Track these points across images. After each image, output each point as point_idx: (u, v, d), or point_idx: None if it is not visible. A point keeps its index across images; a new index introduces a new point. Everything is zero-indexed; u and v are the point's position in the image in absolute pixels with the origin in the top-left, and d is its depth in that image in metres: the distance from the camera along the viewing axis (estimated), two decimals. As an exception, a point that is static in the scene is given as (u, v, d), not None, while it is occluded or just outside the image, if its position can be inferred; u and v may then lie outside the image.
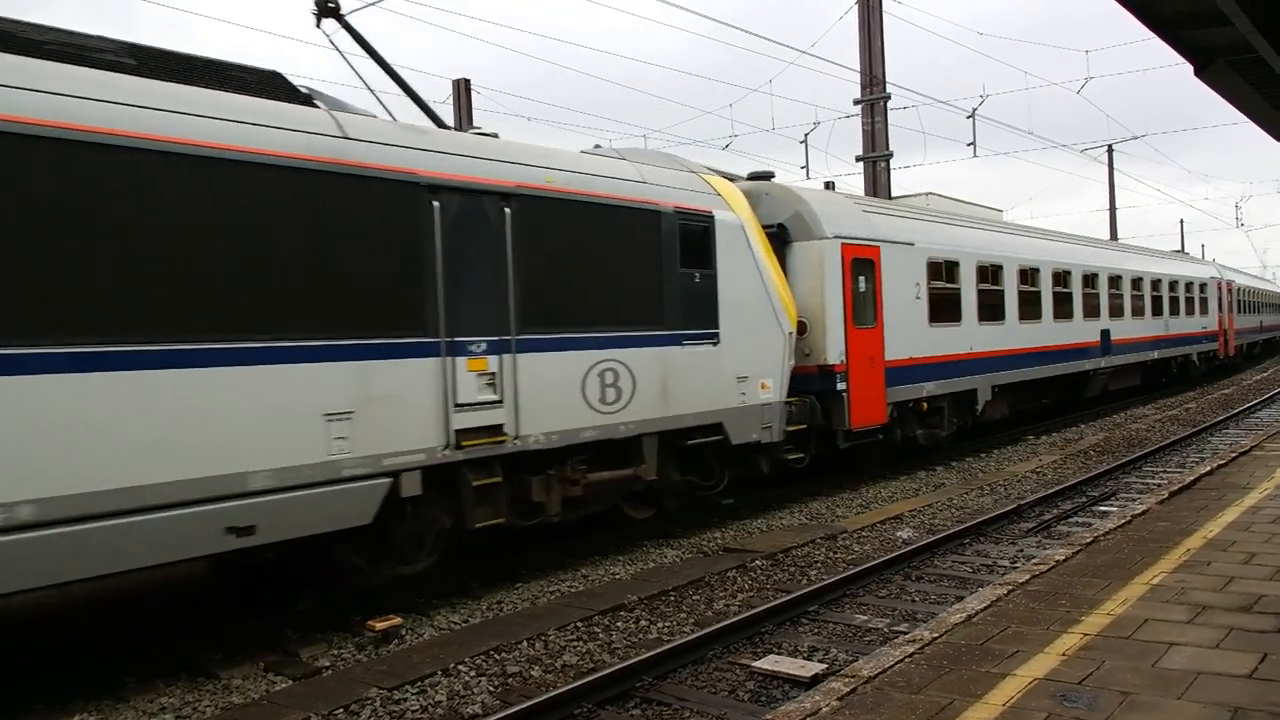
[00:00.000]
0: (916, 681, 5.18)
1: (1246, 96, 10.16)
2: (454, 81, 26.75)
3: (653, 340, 9.94)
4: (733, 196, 11.36)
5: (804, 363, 12.54)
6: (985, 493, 13.34)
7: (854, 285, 13.26)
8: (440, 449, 7.92)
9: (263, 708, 6.29)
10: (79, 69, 6.34)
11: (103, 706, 6.41)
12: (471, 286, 8.23)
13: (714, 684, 6.56)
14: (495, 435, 8.34)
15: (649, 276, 9.97)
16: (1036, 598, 6.66)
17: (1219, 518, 8.94)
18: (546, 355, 8.80)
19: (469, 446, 8.11)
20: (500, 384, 8.39)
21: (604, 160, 10.17)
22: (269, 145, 6.99)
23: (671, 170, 10.88)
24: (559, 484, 9.11)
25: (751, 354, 11.18)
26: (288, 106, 7.39)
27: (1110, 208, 44.96)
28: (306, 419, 7.05)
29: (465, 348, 8.14)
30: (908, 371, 14.37)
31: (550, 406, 8.80)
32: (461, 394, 8.07)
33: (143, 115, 6.37)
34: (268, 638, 7.57)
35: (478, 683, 6.59)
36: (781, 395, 11.63)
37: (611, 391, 9.40)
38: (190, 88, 6.87)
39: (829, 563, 9.73)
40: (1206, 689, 4.86)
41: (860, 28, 21.07)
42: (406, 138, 8.09)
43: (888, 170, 21.34)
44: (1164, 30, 7.99)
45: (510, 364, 8.48)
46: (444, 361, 7.96)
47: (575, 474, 9.17)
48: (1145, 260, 26.44)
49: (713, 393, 10.65)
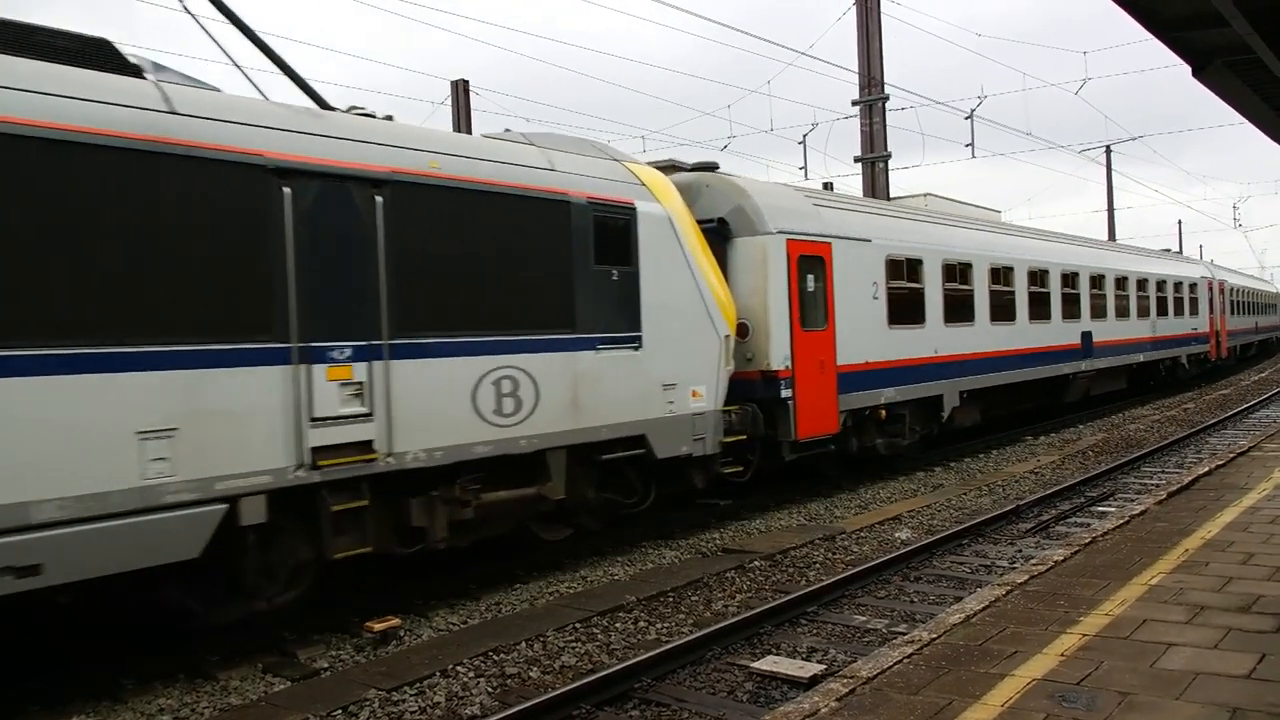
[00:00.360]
0: (915, 682, 5.18)
1: (1244, 97, 10.16)
2: (452, 83, 26.77)
3: (560, 345, 8.98)
4: (660, 187, 10.41)
5: (745, 368, 11.75)
6: (984, 493, 13.34)
7: (801, 284, 12.38)
8: (291, 469, 6.98)
9: (261, 709, 6.29)
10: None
11: (100, 708, 6.40)
12: (333, 285, 7.32)
13: (713, 685, 6.56)
14: (363, 453, 7.40)
15: (557, 274, 8.99)
16: (1035, 598, 6.67)
17: (1217, 518, 8.94)
18: (428, 362, 7.88)
19: (328, 466, 7.17)
20: (370, 395, 7.45)
21: (505, 145, 9.21)
22: (70, 120, 6.06)
23: (587, 157, 9.91)
24: (445, 506, 8.16)
25: (681, 359, 10.27)
26: (103, 76, 6.47)
27: (1108, 208, 45.02)
28: (114, 438, 6.09)
29: (325, 354, 7.21)
30: (864, 377, 13.48)
31: (433, 419, 7.88)
32: (319, 406, 7.14)
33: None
34: (266, 639, 7.57)
35: (476, 684, 6.59)
36: (717, 404, 10.75)
37: (510, 402, 8.47)
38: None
39: (828, 563, 9.73)
40: (1205, 689, 4.86)
41: (858, 29, 21.09)
42: (251, 114, 7.12)
43: (886, 171, 21.36)
44: (1162, 31, 7.99)
45: (382, 372, 7.56)
46: (296, 370, 7.03)
47: (466, 494, 8.24)
48: (1130, 259, 25.54)
49: (634, 402, 9.71)
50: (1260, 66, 8.58)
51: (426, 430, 7.85)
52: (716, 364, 10.75)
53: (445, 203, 8.11)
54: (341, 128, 7.74)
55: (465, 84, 26.57)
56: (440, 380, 7.97)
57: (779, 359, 11.94)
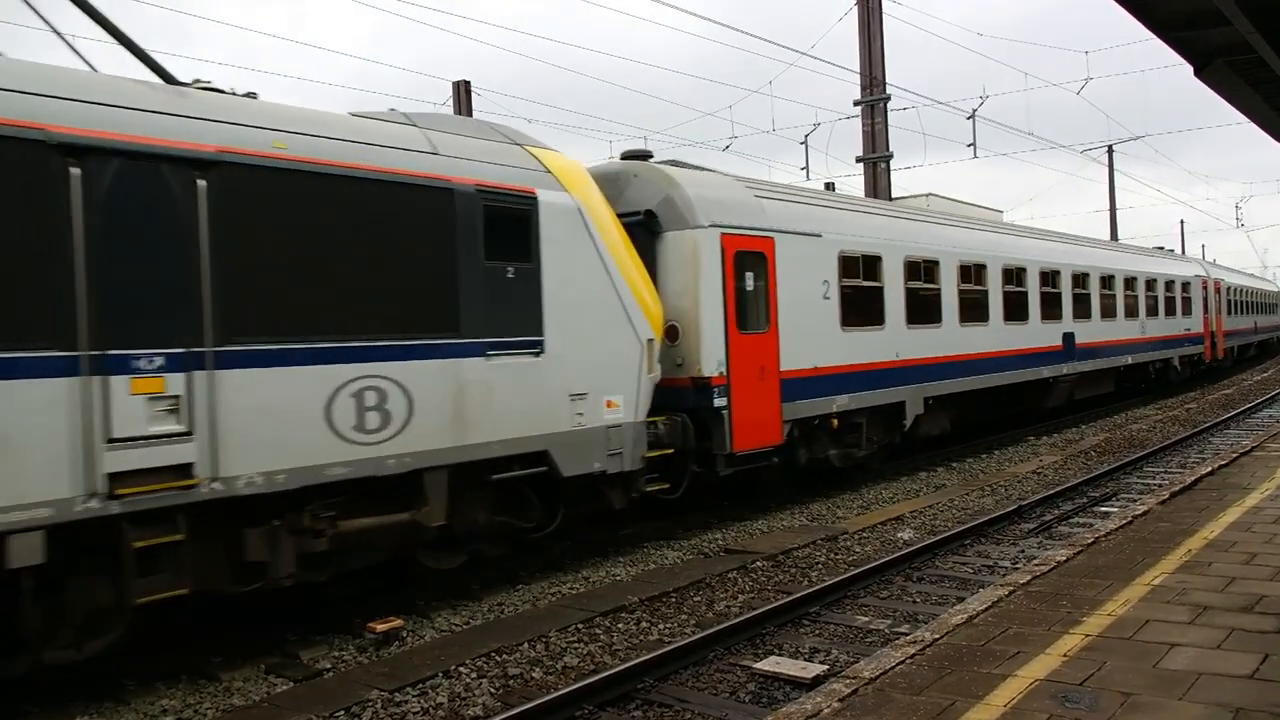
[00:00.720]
0: (918, 682, 5.18)
1: (1246, 97, 10.16)
2: (454, 83, 26.80)
3: (441, 351, 7.97)
4: (570, 175, 9.36)
5: (675, 375, 10.76)
6: (986, 493, 13.33)
7: (739, 283, 11.35)
8: (80, 499, 5.91)
9: (264, 710, 6.29)
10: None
11: (104, 709, 6.41)
12: (140, 283, 6.29)
13: (715, 685, 6.56)
14: (179, 478, 6.35)
15: (437, 272, 8.00)
16: (1038, 598, 6.66)
17: (1220, 518, 8.94)
18: (267, 372, 6.82)
19: (130, 495, 6.10)
20: (189, 410, 6.42)
21: (376, 125, 8.14)
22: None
23: (479, 140, 8.83)
24: (292, 537, 7.12)
25: (593, 366, 9.24)
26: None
27: (1110, 208, 45.00)
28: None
29: (127, 363, 6.17)
30: (812, 383, 12.37)
31: (273, 438, 6.82)
32: (120, 425, 6.09)
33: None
34: (268, 640, 7.58)
35: (479, 684, 6.59)
36: (638, 415, 9.69)
37: (375, 416, 7.44)
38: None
39: (830, 564, 9.73)
40: (1208, 690, 4.86)
41: (860, 29, 21.11)
42: (32, 81, 6.08)
43: (888, 171, 21.38)
44: (1163, 31, 7.99)
45: (205, 384, 6.50)
46: (87, 382, 5.98)
47: (318, 523, 7.22)
48: (1117, 257, 24.35)
49: (533, 414, 8.68)
50: (1262, 65, 8.59)
51: (265, 450, 6.78)
52: (636, 371, 9.67)
53: (294, 189, 7.08)
54: (155, 101, 6.65)
55: (467, 85, 26.59)
56: (283, 393, 6.91)
57: (712, 365, 10.94)
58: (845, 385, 13.06)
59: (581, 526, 10.43)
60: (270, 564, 7.03)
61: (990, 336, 16.98)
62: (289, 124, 7.30)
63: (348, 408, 7.29)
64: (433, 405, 7.88)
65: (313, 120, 7.60)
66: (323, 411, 7.14)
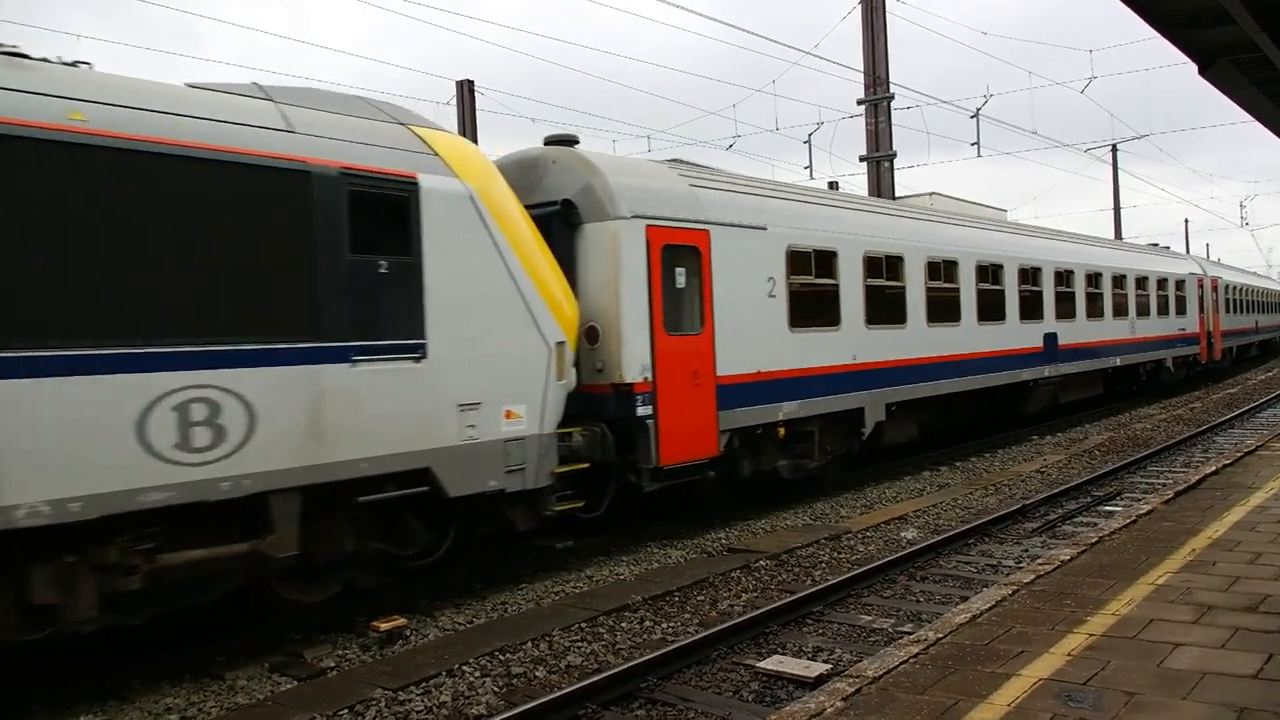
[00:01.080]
0: (921, 682, 5.17)
1: (1251, 96, 10.16)
2: (458, 83, 26.87)
3: (290, 356, 6.98)
4: (462, 159, 8.44)
5: (596, 380, 9.83)
6: (990, 492, 13.33)
7: (667, 280, 10.36)
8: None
9: (267, 708, 6.30)
10: None
11: (108, 707, 6.43)
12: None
13: (718, 684, 6.57)
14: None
15: (288, 265, 7.04)
16: (1041, 598, 6.66)
17: (1224, 517, 8.92)
18: (57, 383, 5.82)
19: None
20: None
21: (218, 99, 7.14)
22: None
23: (348, 118, 7.86)
24: (95, 574, 6.17)
25: (487, 372, 8.30)
26: None
27: (1114, 207, 44.93)
28: None
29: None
30: (755, 389, 11.38)
31: (65, 459, 5.85)
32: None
33: None
34: (272, 639, 7.59)
35: (482, 683, 6.60)
36: (545, 426, 8.77)
37: (204, 432, 6.46)
38: None
39: (833, 563, 9.73)
40: (1212, 689, 4.85)
41: (863, 28, 21.10)
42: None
43: (891, 170, 21.36)
44: (1168, 29, 7.99)
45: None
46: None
47: (129, 557, 6.24)
48: (1104, 253, 23.20)
49: (413, 427, 7.72)
50: (1266, 64, 8.58)
51: (54, 475, 5.81)
52: (543, 377, 8.77)
53: (97, 168, 6.14)
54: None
55: (470, 84, 26.66)
56: (79, 407, 5.93)
57: (635, 369, 9.85)
58: (794, 391, 12.03)
59: (583, 527, 10.24)
60: (65, 607, 6.07)
61: (962, 337, 15.90)
62: (95, 94, 6.28)
63: (168, 423, 6.29)
64: (281, 419, 6.89)
65: (125, 90, 6.53)
66: (134, 428, 6.15)
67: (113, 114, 6.27)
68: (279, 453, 6.87)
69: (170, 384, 6.32)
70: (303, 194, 7.11)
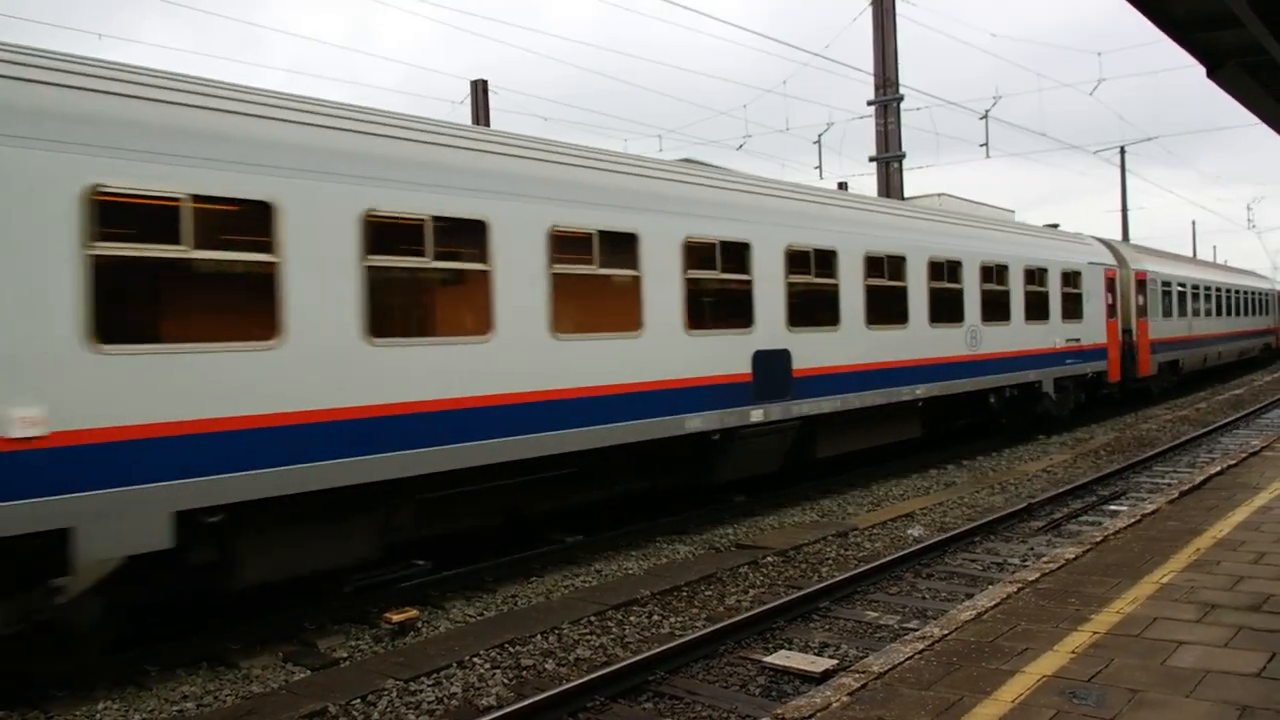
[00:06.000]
0: (926, 678, 5.24)
1: (1259, 99, 10.17)
2: (472, 82, 27.01)
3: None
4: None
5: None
6: (996, 491, 13.37)
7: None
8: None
9: (281, 697, 6.39)
10: None
11: (126, 694, 6.53)
12: None
13: (726, 678, 6.64)
14: None
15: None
16: (1046, 596, 6.72)
17: (1229, 517, 8.97)
18: None
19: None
20: None
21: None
22: None
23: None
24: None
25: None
26: None
27: (1122, 209, 44.87)
28: None
29: None
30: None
31: None
32: None
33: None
34: (286, 629, 7.68)
35: (492, 675, 6.68)
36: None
37: None
38: None
39: (840, 560, 9.79)
40: (1215, 687, 4.91)
41: (874, 29, 21.13)
42: None
43: (900, 171, 21.39)
44: (1176, 32, 8.02)
45: None
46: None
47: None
48: (921, 231, 15.10)
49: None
50: (1274, 67, 8.60)
51: None
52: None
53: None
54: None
55: (484, 84, 26.82)
56: None
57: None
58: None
59: (592, 521, 10.21)
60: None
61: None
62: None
63: None
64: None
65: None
66: None
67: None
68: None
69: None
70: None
